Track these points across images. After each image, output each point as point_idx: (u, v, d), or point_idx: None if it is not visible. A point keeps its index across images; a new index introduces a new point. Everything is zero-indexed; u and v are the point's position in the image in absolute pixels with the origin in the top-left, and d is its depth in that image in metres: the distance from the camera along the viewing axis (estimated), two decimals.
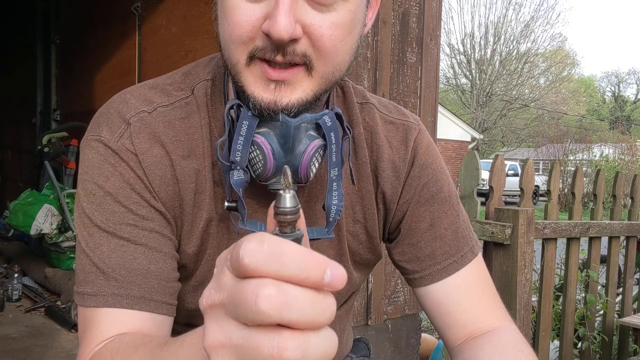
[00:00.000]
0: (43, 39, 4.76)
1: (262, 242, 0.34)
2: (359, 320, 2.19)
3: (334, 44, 0.61)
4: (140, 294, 0.65)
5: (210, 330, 0.37)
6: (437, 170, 0.81)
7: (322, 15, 0.60)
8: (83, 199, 0.68)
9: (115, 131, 0.68)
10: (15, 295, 3.26)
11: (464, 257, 0.79)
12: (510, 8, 34.19)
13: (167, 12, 3.03)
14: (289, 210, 0.37)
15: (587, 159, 18.69)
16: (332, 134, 0.66)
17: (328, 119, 0.65)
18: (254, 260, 0.34)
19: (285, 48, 0.59)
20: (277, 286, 0.33)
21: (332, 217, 0.69)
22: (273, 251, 0.34)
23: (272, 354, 0.33)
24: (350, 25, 0.62)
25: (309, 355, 0.34)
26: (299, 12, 0.58)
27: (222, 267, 0.37)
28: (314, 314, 0.34)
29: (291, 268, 0.34)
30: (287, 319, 0.33)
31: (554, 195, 2.59)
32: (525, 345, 0.73)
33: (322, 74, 0.62)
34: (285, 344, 0.33)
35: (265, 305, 0.33)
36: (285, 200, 0.37)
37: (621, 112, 41.48)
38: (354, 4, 0.61)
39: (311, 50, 0.60)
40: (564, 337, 2.76)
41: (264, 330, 0.34)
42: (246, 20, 0.59)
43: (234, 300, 0.35)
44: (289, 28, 0.57)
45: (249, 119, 0.63)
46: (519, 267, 2.20)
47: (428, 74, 2.38)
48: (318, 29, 0.59)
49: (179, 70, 0.77)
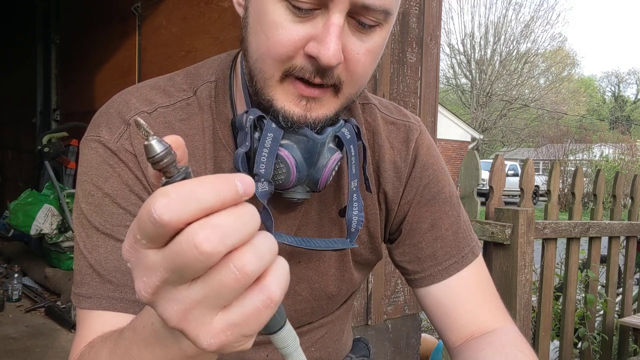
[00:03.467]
0: (43, 39, 4.76)
1: (167, 194, 0.34)
2: (359, 320, 2.19)
3: (365, 69, 0.62)
4: (135, 297, 0.64)
5: (168, 311, 0.37)
6: (438, 170, 0.81)
7: (360, 41, 0.60)
8: (81, 200, 0.68)
9: (115, 132, 0.68)
10: (15, 295, 3.26)
11: (464, 257, 0.79)
12: (510, 8, 34.26)
13: (167, 12, 3.03)
14: (163, 154, 0.36)
15: (587, 159, 18.70)
16: (352, 147, 0.67)
17: (347, 132, 0.67)
18: (173, 213, 0.33)
19: (326, 71, 0.59)
20: (206, 225, 0.34)
21: (354, 228, 0.71)
22: (181, 194, 0.34)
23: (236, 279, 0.34)
24: (380, 50, 0.64)
25: (264, 257, 0.35)
26: (344, 37, 0.59)
27: (136, 254, 0.36)
28: (247, 225, 0.35)
29: (207, 197, 0.34)
30: (231, 244, 0.34)
31: (554, 195, 2.59)
32: (525, 346, 0.73)
33: (347, 95, 0.64)
34: (241, 262, 0.34)
35: (209, 246, 0.33)
36: (153, 147, 0.36)
37: (621, 112, 41.47)
38: (387, 31, 0.63)
39: (344, 75, 0.61)
40: (564, 337, 2.76)
41: (216, 268, 0.34)
42: (289, 40, 0.58)
43: (174, 266, 0.34)
44: (338, 55, 0.57)
45: (274, 131, 0.62)
46: (519, 267, 2.20)
47: (428, 74, 2.38)
48: (355, 55, 0.60)
49: (180, 71, 0.76)
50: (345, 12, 0.57)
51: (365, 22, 0.59)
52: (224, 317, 0.36)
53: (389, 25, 0.62)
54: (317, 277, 0.78)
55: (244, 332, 0.36)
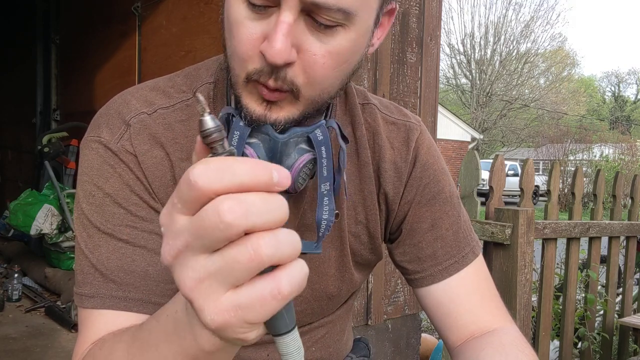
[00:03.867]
0: (43, 39, 4.76)
1: (207, 162, 0.36)
2: (359, 320, 2.19)
3: (325, 72, 0.59)
4: (138, 296, 0.65)
5: (182, 276, 0.38)
6: (439, 170, 0.81)
7: (319, 42, 0.57)
8: (82, 200, 0.68)
9: (115, 132, 0.68)
10: (15, 295, 3.26)
11: (465, 257, 0.79)
12: (510, 8, 34.27)
13: (167, 12, 3.03)
14: (214, 129, 0.39)
15: (587, 159, 18.70)
16: (323, 148, 0.65)
17: (320, 133, 0.65)
18: (207, 179, 0.35)
19: (278, 72, 0.58)
20: (233, 197, 0.35)
21: (321, 232, 0.69)
22: (220, 166, 0.36)
23: (250, 258, 0.36)
24: (349, 54, 0.60)
25: (282, 247, 0.36)
26: (298, 35, 0.57)
27: (170, 218, 0.39)
28: (273, 212, 0.36)
29: (242, 175, 0.36)
30: (253, 222, 0.35)
31: (554, 195, 2.59)
32: (526, 346, 0.73)
33: (307, 98, 0.61)
34: (258, 243, 0.36)
35: (230, 217, 0.35)
36: (207, 122, 0.39)
37: (621, 112, 41.47)
38: (356, 33, 0.59)
39: (301, 77, 0.59)
40: (564, 337, 2.76)
41: (234, 244, 0.36)
42: (247, 38, 0.58)
43: (197, 232, 0.36)
44: (283, 53, 0.55)
45: (241, 129, 0.62)
46: (519, 267, 2.20)
47: (428, 74, 2.38)
48: (312, 56, 0.58)
49: (180, 72, 0.76)
50: (297, 10, 0.55)
51: (321, 22, 0.56)
52: (232, 296, 0.37)
53: (356, 27, 0.58)
54: (317, 278, 0.78)
55: (248, 317, 0.37)
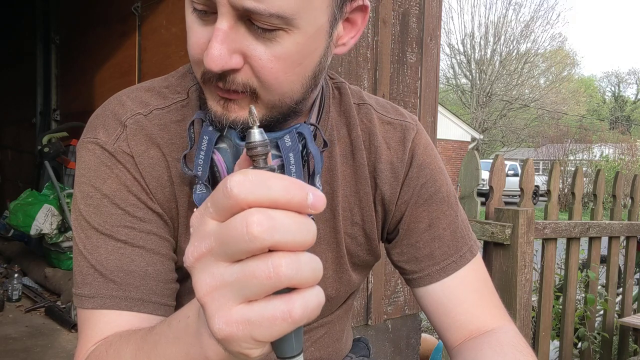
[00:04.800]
0: (43, 39, 4.76)
1: (246, 174, 0.37)
2: (359, 320, 2.19)
3: (275, 76, 0.59)
4: (138, 296, 0.65)
5: (200, 281, 0.38)
6: (435, 170, 0.81)
7: (264, 47, 0.57)
8: (80, 201, 0.68)
9: (112, 133, 0.68)
10: (15, 295, 3.26)
11: (462, 257, 0.79)
12: (510, 8, 34.31)
13: (167, 12, 3.03)
14: (259, 143, 0.40)
15: (587, 159, 18.71)
16: (291, 155, 0.64)
17: (288, 139, 0.64)
18: (242, 189, 0.36)
19: (225, 77, 0.58)
20: (264, 212, 0.36)
21: None
22: (258, 179, 0.36)
23: (269, 275, 0.36)
24: (299, 57, 0.59)
25: (302, 270, 0.36)
26: (239, 41, 0.56)
27: (200, 220, 0.39)
28: (300, 234, 0.36)
29: (277, 191, 0.36)
30: (277, 240, 0.35)
31: (554, 195, 2.59)
32: (524, 346, 0.73)
33: (267, 102, 0.61)
34: (280, 262, 0.36)
35: (258, 230, 0.35)
36: (255, 135, 0.40)
37: (621, 112, 41.46)
38: (303, 35, 0.58)
39: (254, 81, 0.59)
40: (564, 337, 2.76)
41: (256, 258, 0.36)
42: (196, 43, 0.59)
43: (222, 239, 0.37)
44: (219, 60, 0.55)
45: (209, 133, 0.63)
46: (519, 267, 2.20)
47: (428, 74, 2.38)
48: (258, 61, 0.57)
49: (175, 73, 0.77)
50: (233, 17, 0.55)
51: (260, 26, 0.56)
52: (243, 310, 0.37)
53: (301, 30, 0.57)
54: None
55: (255, 334, 0.37)
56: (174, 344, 0.49)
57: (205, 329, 0.43)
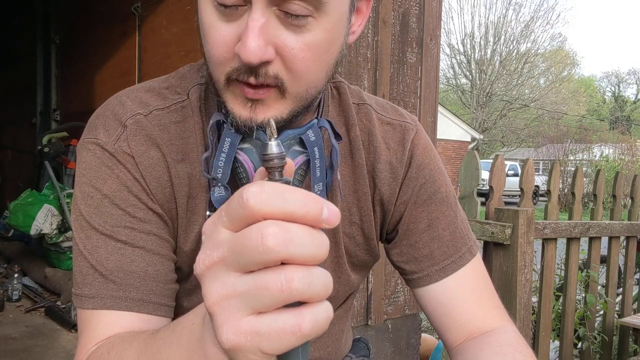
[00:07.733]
0: (43, 39, 4.76)
1: (263, 185, 0.37)
2: (359, 320, 2.19)
3: (306, 64, 0.59)
4: (138, 296, 0.65)
5: (210, 289, 0.38)
6: (435, 170, 0.81)
7: (295, 36, 0.57)
8: (80, 202, 0.68)
9: (112, 134, 0.68)
10: (15, 295, 3.26)
11: (462, 257, 0.79)
12: (510, 8, 34.31)
13: (167, 12, 3.03)
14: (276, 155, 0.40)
15: (587, 159, 18.72)
16: (316, 149, 0.65)
17: (312, 134, 0.65)
18: (258, 201, 0.36)
19: (257, 70, 0.58)
20: (280, 224, 0.36)
21: None
22: (275, 191, 0.36)
23: (281, 288, 0.35)
24: (327, 44, 0.60)
25: (314, 285, 0.36)
26: (272, 33, 0.57)
27: (213, 228, 0.39)
28: (314, 248, 0.36)
29: (293, 204, 0.36)
30: (291, 253, 0.35)
31: (554, 195, 2.59)
32: (524, 346, 0.73)
33: (295, 95, 0.61)
34: (292, 275, 0.35)
35: (272, 242, 0.35)
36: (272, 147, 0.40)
37: (621, 112, 41.45)
38: (330, 22, 0.59)
39: (284, 72, 0.59)
40: (564, 337, 2.76)
41: (269, 270, 0.36)
42: (221, 41, 0.58)
43: (236, 248, 0.36)
44: (257, 52, 0.55)
45: (231, 135, 0.63)
46: (519, 267, 2.20)
47: (428, 74, 2.38)
48: (291, 51, 0.58)
49: (175, 73, 0.77)
50: (269, 6, 0.55)
51: (292, 12, 0.56)
52: (252, 321, 0.37)
53: (329, 16, 0.58)
54: None
55: (262, 346, 0.37)
56: (177, 350, 0.48)
57: (209, 337, 0.43)
